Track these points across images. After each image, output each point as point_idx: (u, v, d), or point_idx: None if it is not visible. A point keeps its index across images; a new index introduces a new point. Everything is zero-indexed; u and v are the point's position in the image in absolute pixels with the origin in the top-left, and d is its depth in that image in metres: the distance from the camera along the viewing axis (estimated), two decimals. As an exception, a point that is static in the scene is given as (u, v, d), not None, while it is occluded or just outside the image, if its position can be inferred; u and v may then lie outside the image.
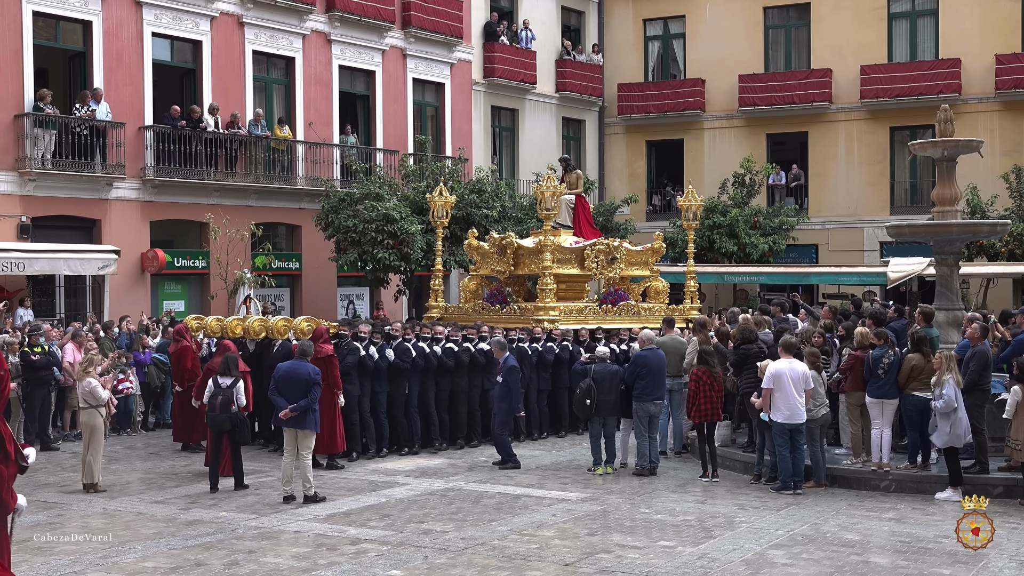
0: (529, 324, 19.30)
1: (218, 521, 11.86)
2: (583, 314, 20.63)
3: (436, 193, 22.24)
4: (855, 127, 34.19)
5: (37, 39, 23.16)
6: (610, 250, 21.59)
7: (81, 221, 23.78)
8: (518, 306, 20.74)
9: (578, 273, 21.53)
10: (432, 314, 21.42)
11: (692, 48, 36.54)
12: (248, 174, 26.24)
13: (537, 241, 20.96)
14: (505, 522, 11.78)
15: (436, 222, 22.23)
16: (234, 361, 13.81)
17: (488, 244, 21.83)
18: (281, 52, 27.78)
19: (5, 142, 22.43)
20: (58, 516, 12.15)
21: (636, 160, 37.40)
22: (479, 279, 22.15)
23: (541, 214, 20.61)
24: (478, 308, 21.09)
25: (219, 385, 13.51)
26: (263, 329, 17.03)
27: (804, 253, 33.96)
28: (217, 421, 13.43)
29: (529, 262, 21.21)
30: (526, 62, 34.18)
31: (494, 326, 18.63)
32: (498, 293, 21.43)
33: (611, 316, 20.87)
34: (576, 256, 21.45)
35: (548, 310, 20.08)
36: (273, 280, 25.42)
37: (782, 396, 13.20)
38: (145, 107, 24.79)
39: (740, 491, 13.67)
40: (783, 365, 13.27)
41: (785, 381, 13.18)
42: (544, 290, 20.25)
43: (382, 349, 16.31)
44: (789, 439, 13.33)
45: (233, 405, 13.39)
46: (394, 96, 30.45)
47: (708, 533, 11.25)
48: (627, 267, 22.08)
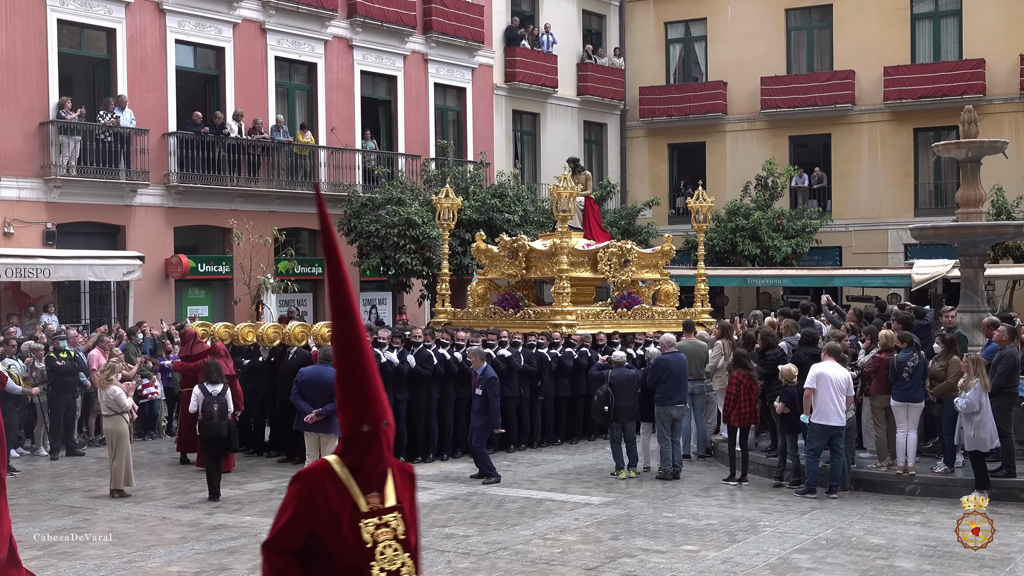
0: (545, 329, 19.02)
1: (242, 526, 11.90)
2: (599, 318, 20.42)
3: (442, 195, 21.92)
4: (878, 129, 34.01)
5: (62, 47, 23.33)
6: (622, 253, 21.40)
7: (105, 227, 23.94)
8: (532, 311, 20.46)
9: (590, 276, 21.27)
10: (439, 319, 21.15)
11: (714, 51, 36.45)
12: (271, 180, 26.34)
13: (551, 244, 20.69)
14: (528, 526, 11.77)
15: (443, 224, 22.02)
16: (217, 368, 13.81)
17: (498, 247, 21.53)
18: (303, 58, 27.89)
19: (30, 149, 22.60)
20: (83, 521, 12.22)
21: (658, 163, 37.32)
22: (487, 283, 21.86)
23: (557, 216, 20.39)
24: (489, 313, 20.78)
25: (210, 393, 13.42)
26: (277, 336, 16.77)
27: (828, 256, 33.81)
28: (216, 430, 13.35)
29: (541, 265, 20.88)
30: (547, 66, 34.19)
31: (505, 331, 18.26)
32: (510, 297, 21.12)
33: (626, 320, 20.67)
34: (589, 259, 21.21)
35: (565, 314, 19.80)
36: (296, 285, 25.51)
37: (824, 399, 13.11)
38: (169, 114, 24.94)
39: (764, 495, 13.61)
40: (827, 368, 13.18)
41: (828, 384, 13.10)
42: (560, 294, 20.00)
43: (403, 355, 16.09)
44: (827, 443, 13.25)
45: (228, 412, 13.43)
46: (416, 101, 30.51)
47: (732, 537, 11.21)
48: (638, 270, 21.87)
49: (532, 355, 17.59)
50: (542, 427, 17.95)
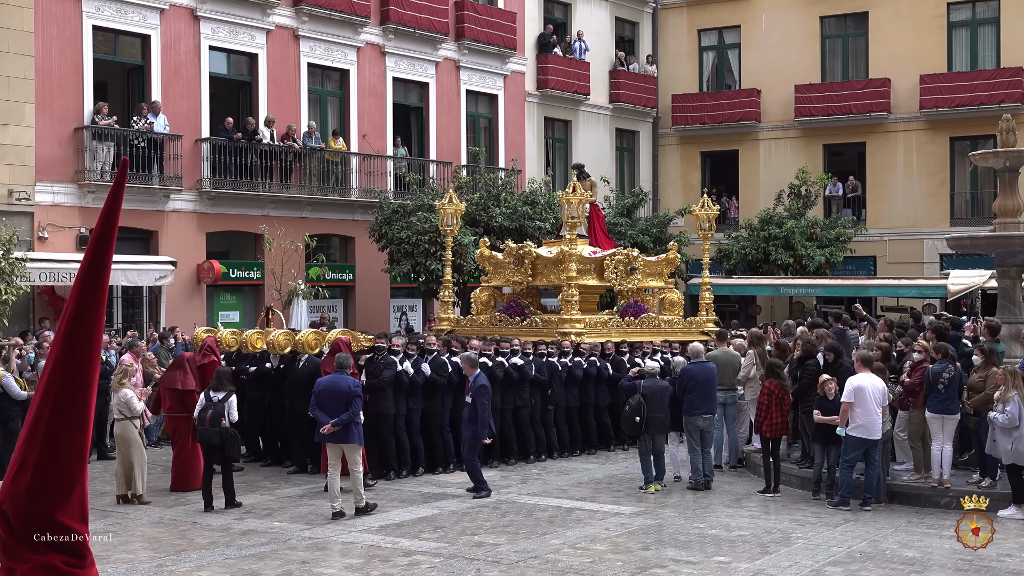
0: (553, 337, 18.63)
1: (272, 531, 11.95)
2: (607, 326, 20.03)
3: (445, 200, 21.62)
4: (914, 137, 33.76)
5: (97, 53, 23.59)
6: (629, 260, 21.06)
7: (138, 232, 24.12)
8: (540, 318, 20.11)
9: (595, 284, 20.88)
10: (442, 327, 20.85)
11: (747, 58, 36.33)
12: (302, 186, 26.48)
13: (558, 251, 20.33)
14: (558, 535, 11.74)
15: (445, 230, 21.69)
16: (227, 375, 13.69)
17: (504, 254, 21.13)
18: (336, 64, 28.04)
19: (65, 155, 22.84)
20: (114, 524, 12.30)
21: (690, 171, 37.22)
22: (490, 290, 21.58)
23: (567, 223, 19.94)
24: (494, 321, 20.30)
25: (211, 399, 13.31)
26: (288, 343, 16.17)
27: (862, 265, 33.59)
28: (206, 436, 13.17)
29: (548, 272, 20.50)
30: (580, 73, 34.19)
31: (517, 339, 17.72)
32: (515, 305, 20.77)
33: (633, 329, 20.26)
34: (595, 266, 20.78)
35: (574, 322, 19.40)
36: (327, 291, 25.63)
37: (862, 412, 13.00)
38: (202, 120, 25.13)
39: (796, 506, 13.52)
40: (864, 380, 13.08)
41: (866, 396, 13.00)
42: (569, 302, 19.61)
43: (417, 363, 15.66)
44: (863, 455, 13.15)
45: (224, 420, 13.13)
46: (447, 108, 30.60)
47: (764, 549, 11.13)
48: (643, 278, 21.48)
49: (543, 364, 17.22)
50: (557, 437, 17.55)
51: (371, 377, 15.02)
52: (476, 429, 13.93)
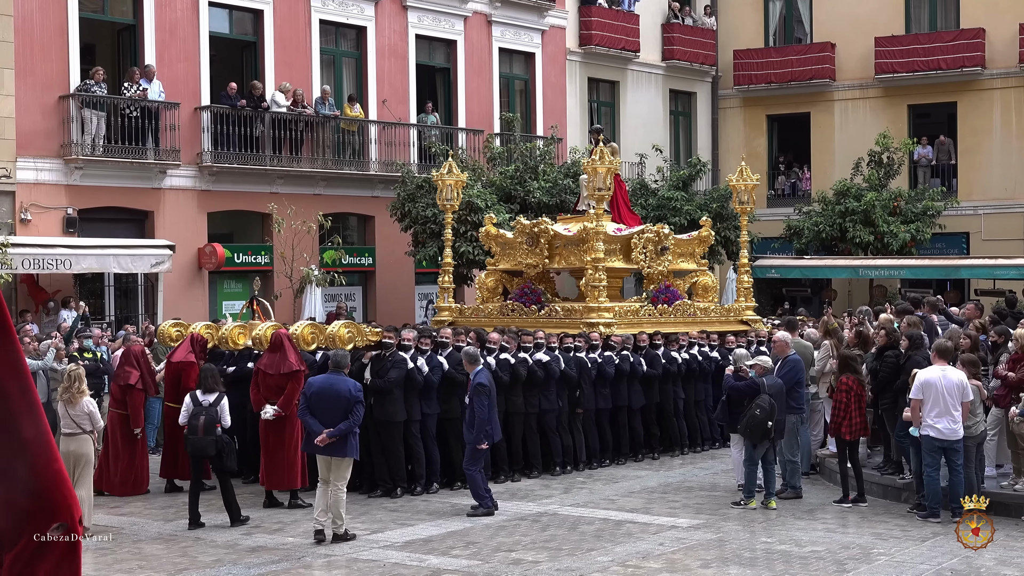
0: (579, 328, 18.07)
1: (284, 548, 12.04)
2: (639, 316, 19.38)
3: (444, 170, 21.19)
4: (1012, 96, 33.42)
5: (83, 11, 23.72)
6: (659, 239, 20.25)
7: (132, 213, 24.34)
8: (560, 307, 19.43)
9: (622, 266, 20.19)
10: (443, 317, 20.47)
11: (820, 8, 36.07)
12: (315, 159, 26.58)
13: (579, 228, 19.54)
14: (606, 552, 11.77)
15: (444, 205, 21.28)
16: (213, 374, 13.35)
17: (515, 232, 20.40)
18: (351, 21, 28.09)
19: (49, 126, 23.00)
20: (109, 541, 12.42)
21: (755, 137, 37.05)
22: (498, 274, 21.12)
23: (592, 195, 19.20)
24: (505, 310, 19.73)
25: (200, 403, 12.92)
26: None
27: (953, 243, 33.30)
28: (200, 446, 12.82)
29: (567, 253, 19.92)
30: (628, 27, 34.08)
31: (541, 332, 17.20)
32: (530, 291, 20.13)
33: (666, 318, 19.57)
34: (622, 246, 20.05)
35: (601, 311, 18.60)
36: (343, 278, 25.70)
37: (934, 409, 12.91)
38: (201, 85, 25.26)
39: (878, 518, 13.46)
40: (935, 373, 12.98)
41: (937, 391, 12.89)
42: (596, 287, 18.74)
43: (432, 359, 15.21)
44: (940, 458, 13.06)
45: (218, 426, 12.87)
46: (478, 68, 30.60)
47: (841, 567, 11.11)
48: (675, 259, 20.80)
49: (571, 360, 16.74)
50: (585, 445, 17.12)
51: (377, 377, 14.70)
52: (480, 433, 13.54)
